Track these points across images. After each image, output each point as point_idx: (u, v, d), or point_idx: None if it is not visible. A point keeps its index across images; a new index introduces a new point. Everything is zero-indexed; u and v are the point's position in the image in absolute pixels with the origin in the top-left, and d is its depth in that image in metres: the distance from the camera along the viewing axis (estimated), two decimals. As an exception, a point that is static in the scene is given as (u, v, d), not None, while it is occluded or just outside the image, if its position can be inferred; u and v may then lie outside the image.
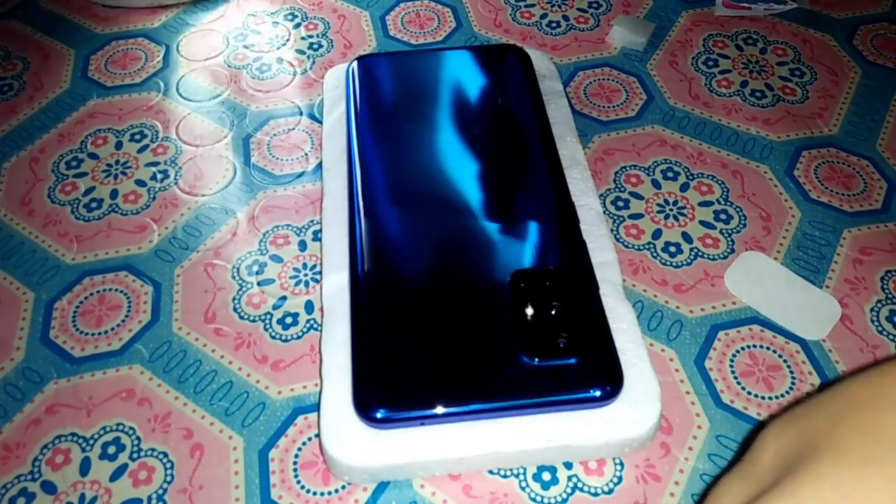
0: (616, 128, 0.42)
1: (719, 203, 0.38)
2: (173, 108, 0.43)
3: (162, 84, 0.44)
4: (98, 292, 0.35)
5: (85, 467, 0.30)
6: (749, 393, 0.31)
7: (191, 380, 0.32)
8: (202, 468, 0.30)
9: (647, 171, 0.39)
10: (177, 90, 0.44)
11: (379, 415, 0.27)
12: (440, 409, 0.27)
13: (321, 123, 0.41)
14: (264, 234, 0.37)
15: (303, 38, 0.47)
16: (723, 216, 0.37)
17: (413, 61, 0.41)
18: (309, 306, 0.34)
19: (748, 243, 0.36)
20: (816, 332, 0.33)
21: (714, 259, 0.36)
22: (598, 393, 0.28)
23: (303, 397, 0.31)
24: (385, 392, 0.28)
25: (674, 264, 0.36)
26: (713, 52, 0.46)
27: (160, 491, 0.29)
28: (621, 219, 0.37)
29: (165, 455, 0.30)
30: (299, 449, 0.30)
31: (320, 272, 0.35)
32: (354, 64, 0.40)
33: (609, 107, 0.43)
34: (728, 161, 0.40)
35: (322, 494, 0.29)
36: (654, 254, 0.36)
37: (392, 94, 0.39)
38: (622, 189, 0.39)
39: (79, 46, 0.47)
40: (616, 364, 0.29)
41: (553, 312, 0.30)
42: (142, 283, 0.35)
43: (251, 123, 0.42)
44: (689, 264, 0.36)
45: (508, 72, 0.40)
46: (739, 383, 0.32)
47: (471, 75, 0.40)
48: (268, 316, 0.34)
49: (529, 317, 0.30)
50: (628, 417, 0.28)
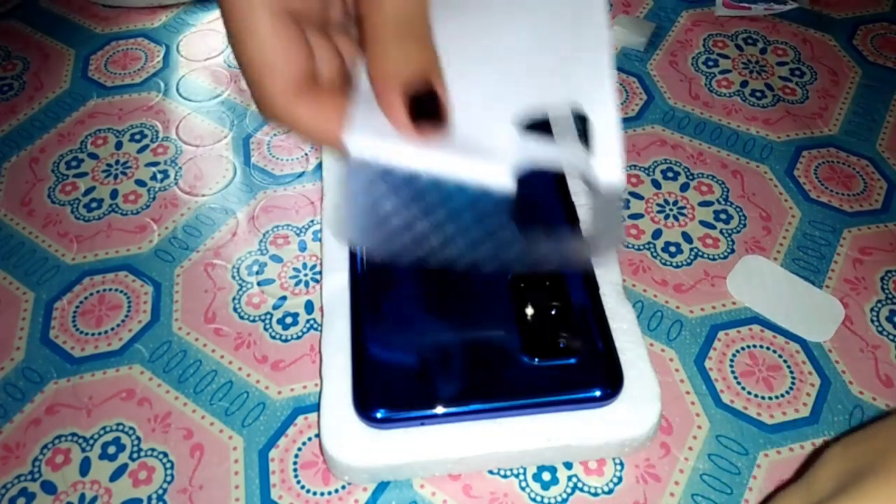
0: (616, 128, 0.42)
1: (719, 203, 0.38)
2: (173, 108, 0.43)
3: (162, 84, 0.44)
4: (98, 292, 0.35)
5: (85, 467, 0.30)
6: (749, 393, 0.31)
7: (191, 380, 0.32)
8: (202, 468, 0.30)
9: (647, 171, 0.39)
10: (177, 90, 0.44)
11: (379, 415, 0.27)
12: (440, 409, 0.27)
13: (321, 123, 0.41)
14: (264, 234, 0.37)
15: (303, 38, 0.47)
16: (723, 216, 0.37)
17: None
18: (309, 306, 0.34)
19: (748, 243, 0.36)
20: (820, 334, 0.33)
21: (714, 259, 0.36)
22: (598, 393, 0.28)
23: (303, 397, 0.31)
24: (385, 392, 0.28)
25: (674, 264, 0.36)
26: (713, 52, 0.46)
27: (160, 491, 0.29)
28: (621, 219, 0.37)
29: (165, 455, 0.30)
30: (299, 449, 0.30)
31: (320, 272, 0.35)
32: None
33: (609, 107, 0.43)
34: (728, 161, 0.40)
35: (322, 494, 0.29)
36: (654, 254, 0.36)
37: None
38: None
39: (79, 46, 0.47)
40: (616, 364, 0.29)
41: (553, 312, 0.30)
42: (142, 283, 0.35)
43: (251, 123, 0.42)
44: (689, 264, 0.36)
45: None
46: (739, 383, 0.32)
47: None
48: (268, 316, 0.34)
49: (529, 317, 0.30)
50: (628, 417, 0.28)
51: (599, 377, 0.28)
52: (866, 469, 0.19)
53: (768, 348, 0.33)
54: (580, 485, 0.29)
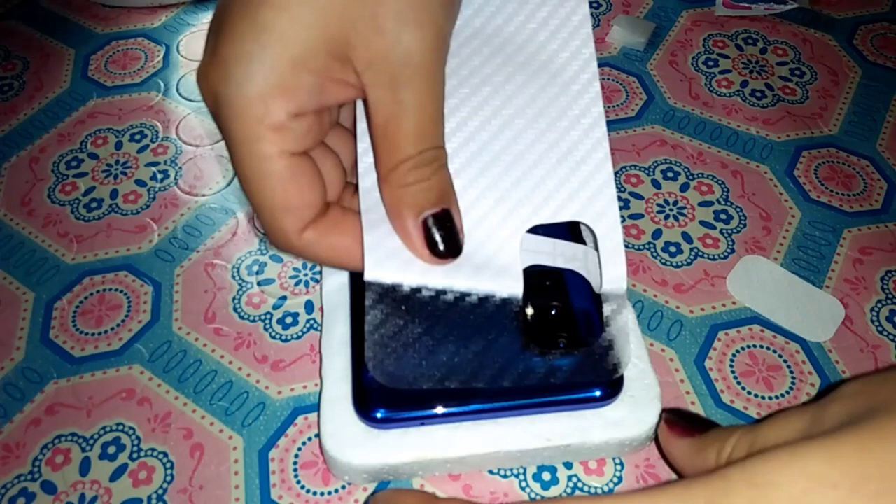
0: (616, 128, 0.42)
1: (719, 203, 0.38)
2: (173, 108, 0.43)
3: (162, 84, 0.44)
4: (98, 292, 0.35)
5: (85, 467, 0.30)
6: (749, 393, 0.31)
7: (191, 380, 0.32)
8: (202, 468, 0.30)
9: (647, 171, 0.39)
10: (177, 90, 0.44)
11: (379, 415, 0.27)
12: (440, 409, 0.27)
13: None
14: (264, 234, 0.37)
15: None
16: (723, 216, 0.37)
17: None
18: (309, 306, 0.34)
19: (748, 243, 0.36)
20: (821, 334, 0.33)
21: (714, 259, 0.36)
22: (598, 393, 0.28)
23: (303, 397, 0.31)
24: (385, 392, 0.28)
25: (674, 264, 0.36)
26: (713, 52, 0.46)
27: (160, 491, 0.29)
28: (621, 219, 0.37)
29: (165, 455, 0.30)
30: (299, 449, 0.30)
31: (320, 272, 0.35)
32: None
33: (609, 107, 0.43)
34: (728, 161, 0.40)
35: (322, 494, 0.29)
36: (654, 254, 0.36)
37: None
38: (622, 189, 0.39)
39: (79, 46, 0.47)
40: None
41: (553, 312, 0.30)
42: (142, 283, 0.35)
43: (251, 123, 0.42)
44: (689, 264, 0.36)
45: None
46: (739, 383, 0.32)
47: None
48: (268, 316, 0.34)
49: (529, 317, 0.30)
50: (628, 417, 0.28)
51: (599, 377, 0.28)
52: (882, 407, 0.18)
53: (768, 348, 0.33)
54: (580, 485, 0.29)
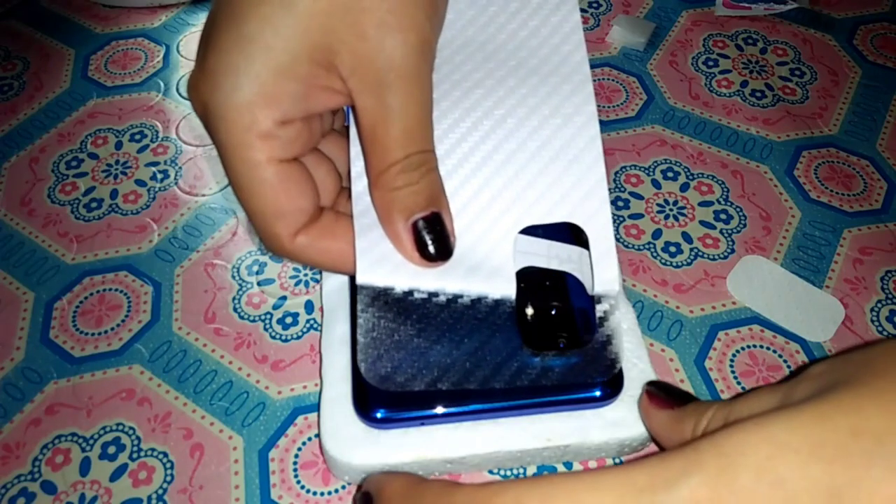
0: (616, 128, 0.42)
1: (719, 203, 0.38)
2: (173, 108, 0.43)
3: (162, 84, 0.44)
4: (98, 292, 0.35)
5: (85, 467, 0.30)
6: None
7: (191, 380, 0.32)
8: (202, 468, 0.30)
9: (647, 171, 0.39)
10: (177, 90, 0.44)
11: (379, 415, 0.27)
12: (440, 409, 0.27)
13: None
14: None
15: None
16: (723, 216, 0.37)
17: None
18: (309, 306, 0.34)
19: (748, 243, 0.36)
20: (820, 334, 0.33)
21: (714, 259, 0.36)
22: (598, 393, 0.28)
23: (303, 397, 0.31)
24: (385, 392, 0.28)
25: (674, 264, 0.36)
26: (713, 52, 0.46)
27: (160, 491, 0.29)
28: (621, 219, 0.37)
29: (165, 455, 0.30)
30: (299, 449, 0.30)
31: (320, 272, 0.35)
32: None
33: (609, 107, 0.43)
34: (728, 161, 0.40)
35: (322, 494, 0.29)
36: (654, 254, 0.36)
37: None
38: (622, 189, 0.39)
39: (79, 46, 0.47)
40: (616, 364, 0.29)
41: (553, 312, 0.30)
42: (142, 283, 0.35)
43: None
44: (689, 264, 0.36)
45: None
46: (739, 383, 0.32)
47: None
48: (268, 316, 0.34)
49: (529, 317, 0.30)
50: (628, 417, 0.28)
51: (599, 377, 0.28)
52: (842, 381, 0.19)
53: (768, 348, 0.33)
54: (580, 485, 0.29)
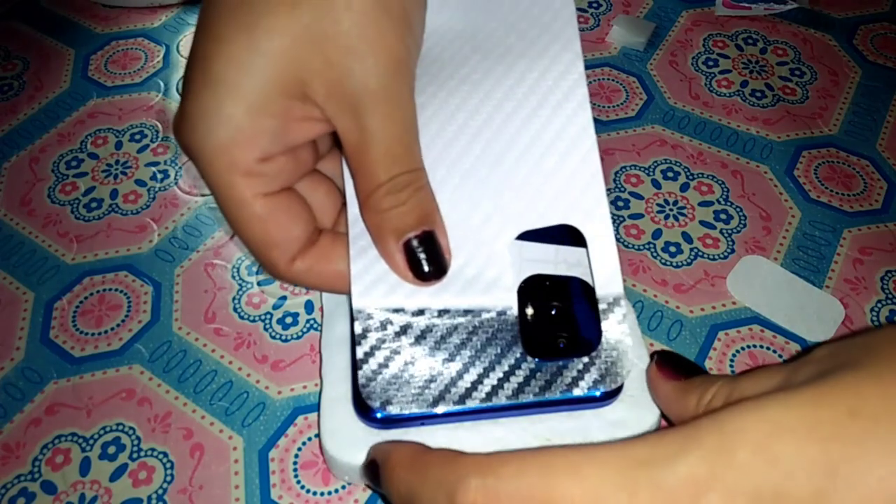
0: (616, 128, 0.42)
1: (719, 203, 0.38)
2: (173, 108, 0.43)
3: (162, 84, 0.44)
4: (98, 292, 0.35)
5: (85, 467, 0.30)
6: (749, 393, 0.31)
7: (191, 380, 0.32)
8: (202, 468, 0.30)
9: (647, 171, 0.39)
10: (177, 90, 0.44)
11: (379, 415, 0.27)
12: (440, 409, 0.27)
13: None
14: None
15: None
16: (723, 216, 0.37)
17: None
18: (309, 306, 0.34)
19: (748, 243, 0.36)
20: (820, 334, 0.33)
21: (714, 259, 0.36)
22: (598, 393, 0.28)
23: (303, 397, 0.31)
24: (385, 392, 0.28)
25: (674, 264, 0.36)
26: (713, 52, 0.46)
27: (160, 491, 0.29)
28: (621, 219, 0.37)
29: (165, 455, 0.30)
30: (299, 449, 0.30)
31: (320, 272, 0.35)
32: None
33: (609, 107, 0.43)
34: (728, 161, 0.40)
35: (322, 494, 0.29)
36: (654, 254, 0.36)
37: None
38: (622, 189, 0.39)
39: (79, 46, 0.47)
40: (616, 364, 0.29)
41: (553, 312, 0.30)
42: (142, 283, 0.35)
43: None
44: (689, 264, 0.36)
45: None
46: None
47: None
48: (268, 316, 0.34)
49: (529, 317, 0.30)
50: (628, 417, 0.28)
51: (599, 377, 0.28)
52: (843, 365, 0.20)
53: (768, 348, 0.33)
54: (580, 485, 0.29)
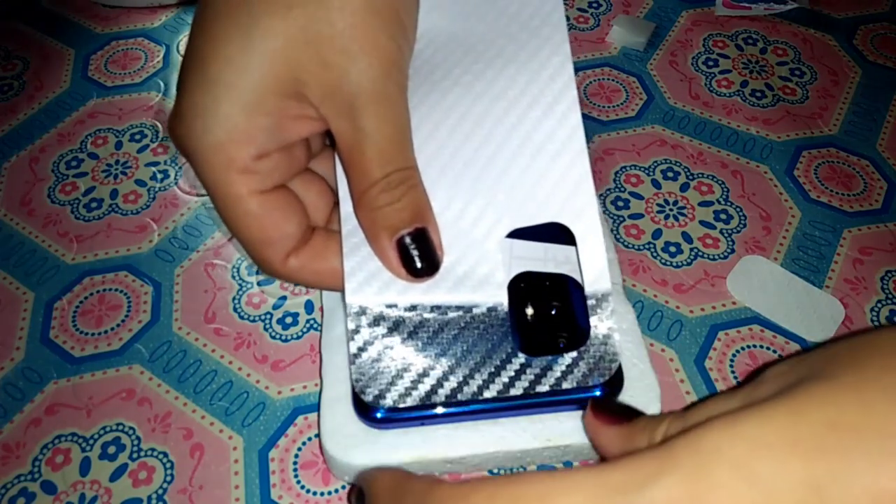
0: (616, 128, 0.42)
1: (719, 203, 0.38)
2: (173, 108, 0.43)
3: (162, 84, 0.44)
4: (98, 292, 0.35)
5: (85, 467, 0.30)
6: (749, 393, 0.31)
7: (191, 380, 0.32)
8: (202, 468, 0.30)
9: (647, 171, 0.39)
10: (177, 90, 0.44)
11: (379, 415, 0.27)
12: (440, 409, 0.27)
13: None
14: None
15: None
16: (723, 216, 0.37)
17: None
18: (309, 306, 0.34)
19: (748, 243, 0.36)
20: (820, 334, 0.33)
21: (714, 259, 0.36)
22: (599, 393, 0.28)
23: (303, 397, 0.31)
24: (378, 386, 0.28)
25: (674, 264, 0.36)
26: (713, 52, 0.46)
27: (160, 491, 0.29)
28: (621, 219, 0.37)
29: (165, 455, 0.30)
30: (299, 449, 0.30)
31: (320, 272, 0.35)
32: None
33: (609, 107, 0.43)
34: (728, 161, 0.40)
35: (322, 494, 0.29)
36: (654, 254, 0.36)
37: None
38: (622, 189, 0.39)
39: (79, 46, 0.47)
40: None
41: (553, 312, 0.30)
42: (142, 283, 0.35)
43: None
44: (689, 264, 0.36)
45: None
46: (740, 383, 0.32)
47: None
48: (268, 316, 0.34)
49: (529, 317, 0.30)
50: (628, 417, 0.28)
51: (599, 377, 0.28)
52: (810, 376, 0.19)
53: (768, 348, 0.33)
54: (580, 485, 0.29)
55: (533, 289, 0.31)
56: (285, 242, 0.26)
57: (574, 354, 0.27)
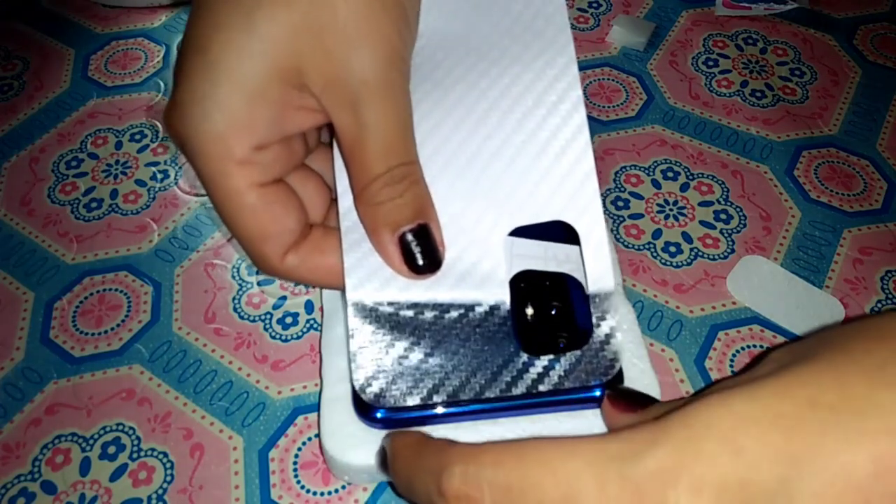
0: (616, 128, 0.42)
1: (719, 203, 0.38)
2: (173, 108, 0.43)
3: (162, 84, 0.44)
4: (98, 292, 0.35)
5: (85, 467, 0.30)
6: (749, 393, 0.31)
7: (191, 380, 0.32)
8: (202, 468, 0.30)
9: (647, 171, 0.39)
10: (177, 90, 0.44)
11: (379, 415, 0.27)
12: (440, 409, 0.27)
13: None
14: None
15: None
16: (723, 216, 0.37)
17: None
18: (309, 306, 0.34)
19: (748, 243, 0.36)
20: (817, 333, 0.33)
21: (714, 259, 0.36)
22: (599, 393, 0.28)
23: (303, 397, 0.31)
24: (379, 385, 0.28)
25: (674, 264, 0.36)
26: (713, 52, 0.46)
27: (160, 491, 0.29)
28: (621, 219, 0.37)
29: (165, 455, 0.30)
30: (299, 449, 0.30)
31: (320, 272, 0.35)
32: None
33: (609, 107, 0.43)
34: (728, 161, 0.40)
35: (322, 494, 0.29)
36: (654, 254, 0.36)
37: None
38: (622, 189, 0.39)
39: (79, 46, 0.47)
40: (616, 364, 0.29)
41: (553, 312, 0.30)
42: (142, 283, 0.35)
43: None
44: (689, 264, 0.36)
45: None
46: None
47: None
48: (268, 316, 0.34)
49: (529, 317, 0.30)
50: (628, 417, 0.28)
51: (599, 377, 0.28)
52: (801, 358, 0.20)
53: (768, 348, 0.33)
54: (580, 485, 0.29)
55: (533, 289, 0.31)
56: (284, 238, 0.25)
57: (576, 354, 0.27)
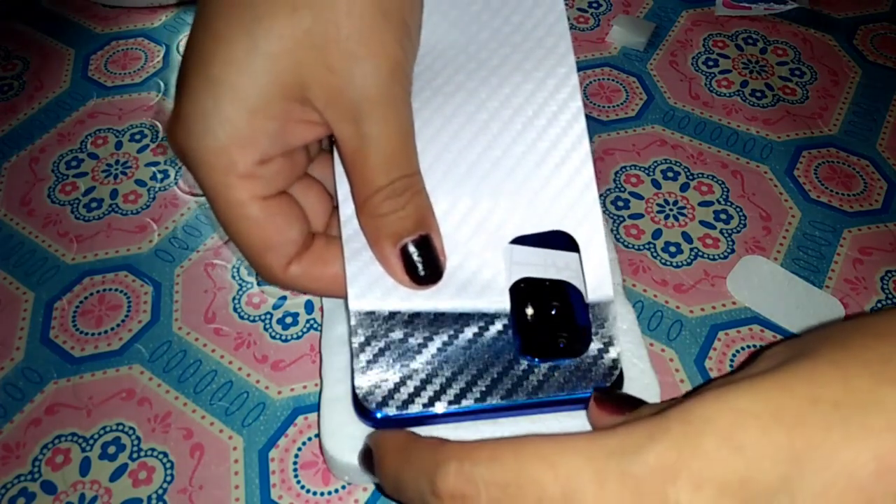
0: (616, 128, 0.42)
1: (719, 203, 0.38)
2: (173, 108, 0.43)
3: (162, 84, 0.44)
4: (98, 292, 0.35)
5: (85, 467, 0.30)
6: (749, 393, 0.31)
7: (191, 380, 0.32)
8: (202, 468, 0.30)
9: (647, 171, 0.39)
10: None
11: (379, 415, 0.27)
12: (440, 409, 0.27)
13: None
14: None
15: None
16: (723, 216, 0.37)
17: None
18: (309, 306, 0.34)
19: (748, 243, 0.36)
20: (817, 333, 0.33)
21: (714, 259, 0.36)
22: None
23: (303, 397, 0.31)
24: (381, 393, 0.28)
25: (674, 264, 0.36)
26: (713, 52, 0.46)
27: (160, 491, 0.29)
28: (621, 219, 0.37)
29: (165, 455, 0.30)
30: (299, 449, 0.30)
31: (320, 272, 0.35)
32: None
33: (609, 107, 0.43)
34: (728, 161, 0.40)
35: (322, 494, 0.29)
36: (654, 254, 0.36)
37: None
38: (622, 189, 0.39)
39: (79, 46, 0.47)
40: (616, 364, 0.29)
41: (553, 312, 0.30)
42: (142, 283, 0.35)
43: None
44: (689, 264, 0.36)
45: None
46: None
47: None
48: (268, 316, 0.34)
49: (529, 317, 0.30)
50: (628, 417, 0.28)
51: (599, 377, 0.28)
52: (801, 353, 0.20)
53: (764, 346, 0.33)
54: (580, 485, 0.29)
55: (533, 289, 0.31)
56: (287, 248, 0.25)
57: (576, 360, 0.27)
